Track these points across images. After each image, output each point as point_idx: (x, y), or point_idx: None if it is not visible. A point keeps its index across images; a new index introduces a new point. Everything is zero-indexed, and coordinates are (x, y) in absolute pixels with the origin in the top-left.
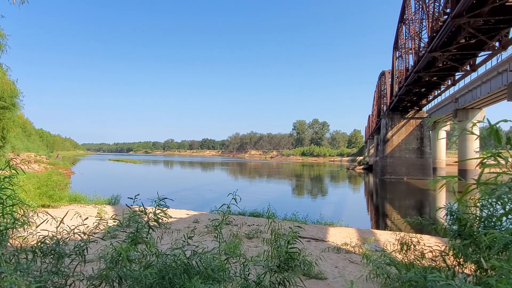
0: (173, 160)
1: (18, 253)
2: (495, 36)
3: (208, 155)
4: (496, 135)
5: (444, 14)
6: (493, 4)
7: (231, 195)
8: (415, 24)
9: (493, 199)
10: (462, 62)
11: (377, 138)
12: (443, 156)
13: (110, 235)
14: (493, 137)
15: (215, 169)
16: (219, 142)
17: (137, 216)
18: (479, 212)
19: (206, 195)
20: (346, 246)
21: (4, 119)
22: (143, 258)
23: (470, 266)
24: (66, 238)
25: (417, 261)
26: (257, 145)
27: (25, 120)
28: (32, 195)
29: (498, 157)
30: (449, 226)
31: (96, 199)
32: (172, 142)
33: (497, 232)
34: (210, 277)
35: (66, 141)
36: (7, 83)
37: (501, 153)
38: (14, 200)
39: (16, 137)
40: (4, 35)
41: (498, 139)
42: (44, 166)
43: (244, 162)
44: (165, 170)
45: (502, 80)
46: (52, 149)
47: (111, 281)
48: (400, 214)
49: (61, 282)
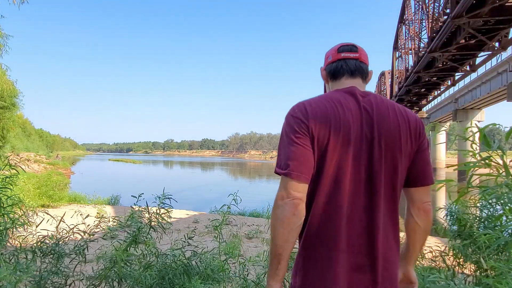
0: (173, 160)
1: (17, 253)
2: (495, 36)
3: (208, 155)
4: (485, 139)
5: (444, 14)
6: (493, 4)
7: (231, 196)
8: (414, 24)
9: (493, 199)
10: (462, 62)
11: None
12: (443, 156)
13: (110, 235)
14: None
15: (215, 169)
16: (219, 142)
17: (138, 216)
18: (479, 213)
19: (206, 195)
20: None
21: (3, 119)
22: (143, 258)
23: (470, 266)
24: (66, 237)
25: (417, 261)
26: (257, 145)
27: (25, 120)
28: (32, 195)
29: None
30: (449, 227)
31: (96, 199)
32: (172, 142)
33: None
34: (209, 277)
35: (66, 141)
36: (7, 83)
37: (492, 156)
38: (13, 200)
39: (15, 137)
40: (4, 35)
41: (487, 143)
42: (44, 166)
43: (244, 162)
44: (165, 170)
45: (502, 80)
46: (52, 149)
47: (110, 281)
48: (400, 214)
49: (60, 281)
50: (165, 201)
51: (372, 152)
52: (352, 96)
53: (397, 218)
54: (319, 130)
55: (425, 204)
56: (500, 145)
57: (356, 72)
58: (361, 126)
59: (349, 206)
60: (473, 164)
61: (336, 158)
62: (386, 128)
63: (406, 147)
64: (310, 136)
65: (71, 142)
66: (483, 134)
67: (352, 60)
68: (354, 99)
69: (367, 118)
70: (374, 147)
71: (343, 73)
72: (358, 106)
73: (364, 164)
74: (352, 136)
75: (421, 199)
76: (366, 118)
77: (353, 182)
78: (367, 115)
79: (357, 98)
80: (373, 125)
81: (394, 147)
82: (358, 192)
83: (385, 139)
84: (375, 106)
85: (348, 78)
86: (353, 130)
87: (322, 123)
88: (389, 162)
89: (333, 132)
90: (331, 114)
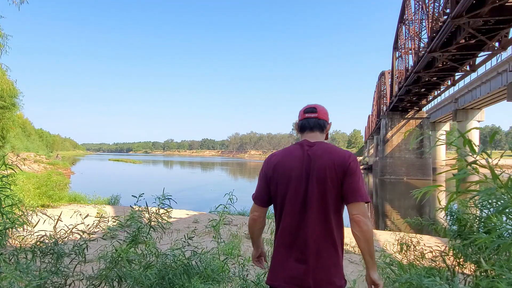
0: (172, 160)
1: (17, 253)
2: (495, 36)
3: (208, 155)
4: (470, 145)
5: (444, 14)
6: (493, 4)
7: (228, 195)
8: (414, 24)
9: (493, 200)
10: (462, 62)
11: (377, 138)
12: (442, 156)
13: (110, 235)
14: None
15: (215, 169)
16: (219, 142)
17: (138, 216)
18: (479, 212)
19: (206, 195)
20: (346, 246)
21: (3, 119)
22: (143, 258)
23: (470, 266)
24: (65, 237)
25: (417, 261)
26: (257, 145)
27: (25, 120)
28: (32, 195)
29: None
30: (449, 227)
31: (96, 199)
32: (171, 142)
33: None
34: (209, 277)
35: (66, 141)
36: (7, 83)
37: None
38: (13, 199)
39: (15, 137)
40: (3, 35)
41: (472, 148)
42: (44, 166)
43: (244, 162)
44: (165, 170)
45: (502, 80)
46: (52, 149)
47: (110, 280)
48: (400, 214)
49: (60, 281)
50: (165, 201)
51: (308, 183)
52: (300, 147)
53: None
54: (271, 174)
55: (354, 216)
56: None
57: (314, 127)
58: (301, 167)
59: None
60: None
61: (282, 189)
62: (318, 166)
63: (332, 176)
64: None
65: (71, 142)
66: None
67: (312, 118)
68: (301, 149)
69: (307, 161)
70: (309, 180)
71: (305, 128)
72: (302, 154)
73: (302, 191)
74: (293, 174)
75: (351, 212)
76: (306, 161)
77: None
78: (308, 159)
79: (303, 148)
80: (310, 166)
81: (324, 178)
82: (295, 211)
83: (317, 173)
84: (315, 152)
85: (309, 132)
86: (294, 171)
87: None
88: (320, 188)
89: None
90: (281, 161)
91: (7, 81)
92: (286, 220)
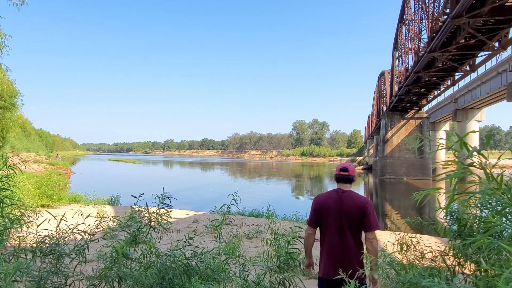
0: (172, 160)
1: (17, 253)
2: (494, 36)
3: (207, 155)
4: (466, 147)
5: (443, 14)
6: (492, 4)
7: (231, 196)
8: (414, 24)
9: (493, 200)
10: (462, 62)
11: (377, 138)
12: (442, 156)
13: (110, 235)
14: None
15: (215, 169)
16: (218, 142)
17: (138, 216)
18: (479, 212)
19: (206, 195)
20: None
21: (3, 119)
22: (143, 258)
23: (470, 266)
24: (66, 237)
25: (417, 261)
26: (256, 145)
27: (25, 120)
28: (32, 195)
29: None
30: (449, 226)
31: (96, 199)
32: (171, 142)
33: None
34: (209, 278)
35: (66, 141)
36: (7, 83)
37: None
38: (13, 200)
39: (15, 137)
40: (3, 35)
41: (468, 151)
42: (44, 166)
43: (243, 162)
44: (165, 170)
45: (502, 80)
46: (52, 149)
47: (110, 280)
48: (400, 214)
49: (60, 282)
50: (165, 200)
51: (341, 216)
52: (336, 193)
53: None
54: (318, 208)
55: (368, 238)
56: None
57: (346, 181)
58: (336, 206)
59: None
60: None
61: (325, 219)
62: (346, 207)
63: (354, 215)
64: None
65: (71, 142)
66: (463, 142)
67: (345, 175)
68: (337, 194)
69: (340, 203)
70: (342, 215)
71: (340, 180)
72: (337, 197)
73: (337, 222)
74: (331, 210)
75: (367, 236)
76: (340, 202)
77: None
78: (340, 201)
79: (338, 194)
80: (342, 205)
81: (350, 214)
82: (334, 233)
83: (346, 211)
84: (345, 197)
85: (342, 184)
86: (332, 208)
87: (320, 206)
88: (349, 220)
89: (324, 209)
90: (325, 201)
91: (7, 81)
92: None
